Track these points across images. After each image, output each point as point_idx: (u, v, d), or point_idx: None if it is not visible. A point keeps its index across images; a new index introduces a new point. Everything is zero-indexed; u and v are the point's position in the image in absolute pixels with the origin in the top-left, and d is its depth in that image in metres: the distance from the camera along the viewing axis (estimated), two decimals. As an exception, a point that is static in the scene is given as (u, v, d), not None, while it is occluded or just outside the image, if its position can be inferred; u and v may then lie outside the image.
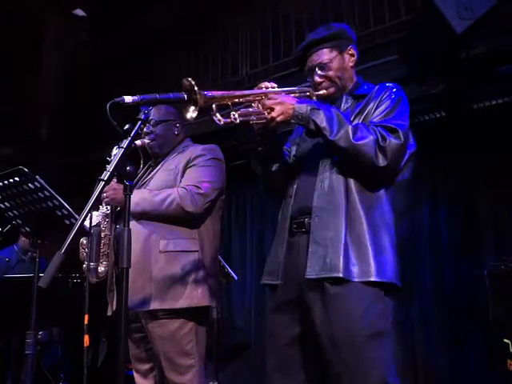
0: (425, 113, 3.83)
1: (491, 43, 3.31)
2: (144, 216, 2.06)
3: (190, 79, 1.49)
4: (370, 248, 1.54)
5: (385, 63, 3.81)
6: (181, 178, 2.15)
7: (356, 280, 1.51)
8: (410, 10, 3.91)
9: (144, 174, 2.32)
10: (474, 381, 3.41)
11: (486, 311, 2.99)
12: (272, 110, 1.60)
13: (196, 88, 1.48)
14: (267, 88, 1.69)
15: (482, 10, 2.91)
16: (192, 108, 1.51)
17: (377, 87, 1.75)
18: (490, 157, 3.73)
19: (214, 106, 1.57)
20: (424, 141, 1.84)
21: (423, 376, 3.69)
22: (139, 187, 2.20)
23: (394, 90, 1.71)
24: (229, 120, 1.59)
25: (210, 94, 1.54)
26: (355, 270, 1.52)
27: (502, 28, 3.21)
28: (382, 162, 1.56)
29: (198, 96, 1.48)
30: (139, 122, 1.42)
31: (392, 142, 1.56)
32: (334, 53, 1.78)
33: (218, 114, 1.57)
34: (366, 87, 1.79)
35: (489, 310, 2.95)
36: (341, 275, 1.51)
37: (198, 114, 1.51)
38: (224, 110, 1.62)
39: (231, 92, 1.64)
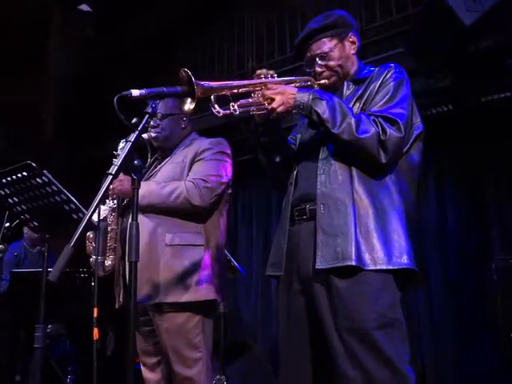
0: (432, 106, 3.80)
1: (499, 36, 3.27)
2: (150, 208, 2.06)
3: (186, 70, 1.47)
4: (378, 235, 1.51)
5: (391, 56, 3.78)
6: (188, 171, 2.15)
7: (367, 268, 1.49)
8: (417, 2, 3.87)
9: (150, 167, 2.32)
10: (481, 375, 3.40)
11: (494, 306, 2.98)
12: (272, 100, 1.58)
13: (193, 79, 1.46)
14: (265, 75, 1.66)
15: (491, 2, 2.88)
16: (189, 100, 1.49)
17: (377, 69, 1.71)
18: (497, 150, 3.71)
19: (212, 97, 1.54)
20: (431, 134, 1.82)
21: (430, 371, 3.69)
22: (145, 180, 2.20)
23: (396, 70, 1.67)
24: (228, 111, 1.57)
25: (207, 84, 1.51)
26: (366, 258, 1.49)
27: (510, 20, 3.17)
28: (383, 158, 1.54)
29: (196, 87, 1.46)
30: (146, 116, 1.42)
31: (392, 135, 1.53)
32: (334, 41, 1.75)
33: (216, 106, 1.55)
34: (366, 70, 1.76)
35: (497, 305, 2.94)
36: (354, 263, 1.48)
37: (197, 108, 1.49)
38: (225, 102, 1.59)
39: (229, 82, 1.60)
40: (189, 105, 1.50)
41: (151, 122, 2.25)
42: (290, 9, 4.76)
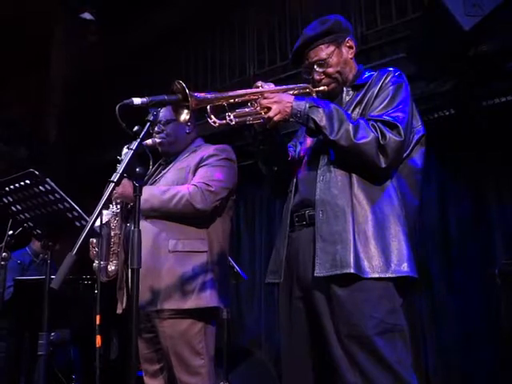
0: (434, 111, 3.81)
1: (499, 40, 3.28)
2: (153, 213, 2.06)
3: (180, 82, 1.47)
4: (377, 242, 1.50)
5: (392, 61, 3.79)
6: (192, 176, 2.15)
7: (365, 276, 1.48)
8: (417, 7, 3.89)
9: (155, 172, 2.33)
10: (486, 380, 3.39)
11: (498, 310, 2.97)
12: (269, 109, 1.57)
13: (187, 91, 1.46)
14: (263, 87, 1.65)
15: (490, 6, 2.90)
16: (185, 111, 1.50)
17: (376, 73, 1.70)
18: (499, 154, 3.70)
19: (208, 107, 1.54)
20: (433, 139, 1.81)
21: (434, 375, 3.67)
22: (150, 186, 2.21)
23: (395, 74, 1.66)
24: (224, 121, 1.56)
25: (200, 96, 1.51)
26: (365, 265, 1.48)
27: (510, 24, 3.18)
28: (383, 162, 1.53)
29: (190, 99, 1.46)
30: (148, 124, 1.43)
31: (392, 139, 1.52)
32: (332, 48, 1.74)
33: (212, 116, 1.54)
34: (366, 75, 1.74)
35: (501, 309, 2.92)
36: (352, 271, 1.47)
37: (198, 116, 1.49)
38: (223, 110, 1.59)
39: (224, 93, 1.60)
40: (185, 115, 1.51)
41: (156, 128, 2.26)
42: (290, 14, 4.78)
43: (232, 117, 1.57)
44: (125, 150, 2.17)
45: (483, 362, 3.41)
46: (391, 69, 1.70)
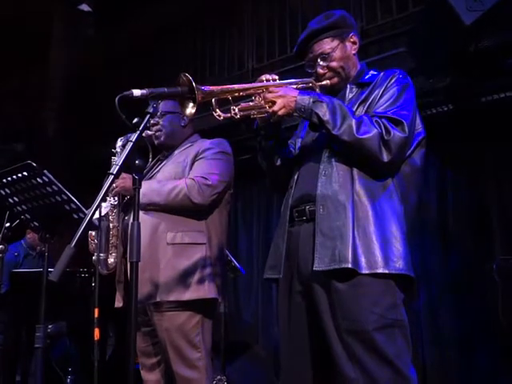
0: (433, 106, 3.80)
1: (500, 35, 3.27)
2: (151, 206, 2.06)
3: (187, 74, 1.47)
4: (376, 239, 1.50)
5: (392, 56, 3.78)
6: (189, 170, 2.16)
7: (364, 272, 1.48)
8: (418, 1, 3.87)
9: (153, 166, 2.33)
10: (483, 377, 3.40)
11: (496, 306, 2.97)
12: (273, 103, 1.58)
13: (194, 83, 1.46)
14: (268, 80, 1.65)
15: (492, 1, 2.89)
16: (191, 104, 1.49)
17: (382, 74, 1.71)
18: (498, 150, 3.70)
19: (213, 101, 1.54)
20: (432, 134, 1.81)
21: (431, 373, 3.68)
22: (147, 180, 2.20)
23: (400, 76, 1.67)
24: (229, 115, 1.57)
25: (207, 88, 1.51)
26: (363, 261, 1.48)
27: (511, 20, 3.17)
28: (386, 157, 1.53)
29: (196, 91, 1.46)
30: (148, 116, 1.42)
31: (396, 135, 1.52)
32: (336, 42, 1.74)
33: (217, 110, 1.54)
34: (370, 74, 1.75)
35: (498, 305, 2.93)
36: (350, 266, 1.47)
37: (198, 110, 1.49)
38: (226, 105, 1.59)
39: (230, 86, 1.60)
40: (190, 109, 1.51)
41: (151, 121, 2.25)
42: (290, 8, 4.76)
43: (237, 110, 1.57)
44: (119, 142, 2.18)
45: (481, 357, 3.42)
46: (397, 70, 1.71)
